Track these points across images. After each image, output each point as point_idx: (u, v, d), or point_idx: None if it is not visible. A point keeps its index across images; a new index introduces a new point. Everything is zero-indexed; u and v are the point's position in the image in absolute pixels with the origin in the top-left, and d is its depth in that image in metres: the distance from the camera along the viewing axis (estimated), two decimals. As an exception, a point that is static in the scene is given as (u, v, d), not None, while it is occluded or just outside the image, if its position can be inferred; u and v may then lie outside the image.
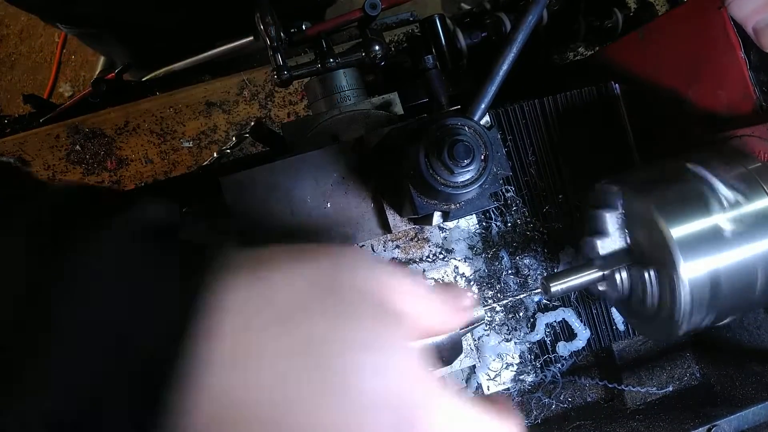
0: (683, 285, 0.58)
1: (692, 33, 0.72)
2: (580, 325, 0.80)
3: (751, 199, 0.60)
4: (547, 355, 0.81)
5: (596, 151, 0.81)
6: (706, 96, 0.73)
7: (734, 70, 0.68)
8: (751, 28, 0.62)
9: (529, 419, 0.84)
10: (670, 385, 0.86)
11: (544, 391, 0.85)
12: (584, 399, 0.87)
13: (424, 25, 0.89)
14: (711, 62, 0.71)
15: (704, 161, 0.64)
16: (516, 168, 0.79)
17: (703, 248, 0.58)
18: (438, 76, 0.73)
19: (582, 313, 0.81)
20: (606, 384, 0.86)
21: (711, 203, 0.60)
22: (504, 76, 0.63)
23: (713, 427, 0.67)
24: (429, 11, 0.92)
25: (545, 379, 0.83)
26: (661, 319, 0.63)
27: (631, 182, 0.65)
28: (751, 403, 0.69)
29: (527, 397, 0.85)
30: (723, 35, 0.68)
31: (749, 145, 0.65)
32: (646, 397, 0.85)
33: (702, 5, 0.70)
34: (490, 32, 0.90)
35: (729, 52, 0.68)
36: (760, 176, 0.62)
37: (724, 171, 0.62)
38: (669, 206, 0.60)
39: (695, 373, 0.87)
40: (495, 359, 0.79)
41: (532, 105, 0.79)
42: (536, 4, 0.63)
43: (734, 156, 0.64)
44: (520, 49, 0.62)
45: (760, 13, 0.60)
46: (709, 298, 0.59)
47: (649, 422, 0.78)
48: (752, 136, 0.65)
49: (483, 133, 0.57)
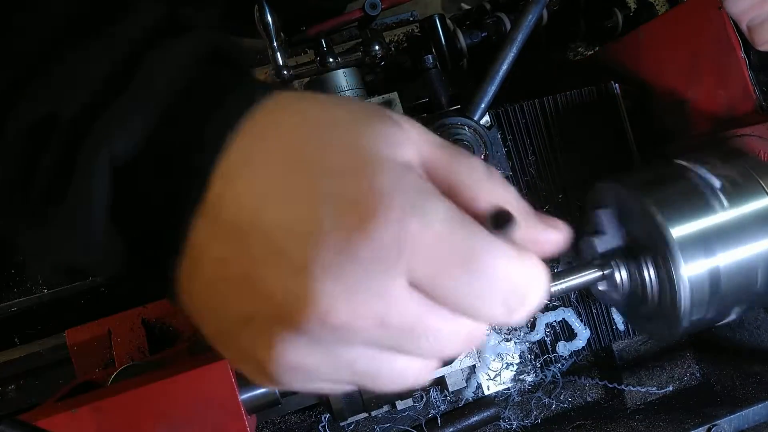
0: (683, 284, 0.58)
1: (692, 33, 0.73)
2: (580, 324, 0.80)
3: (751, 198, 0.60)
4: (547, 354, 0.81)
5: (596, 151, 0.81)
6: (706, 96, 0.73)
7: (734, 70, 0.68)
8: (745, 26, 0.62)
9: (529, 419, 0.84)
10: (670, 385, 0.86)
11: (544, 391, 0.85)
12: (584, 399, 0.87)
13: (424, 25, 0.89)
14: (711, 62, 0.71)
15: (704, 161, 0.64)
16: (516, 168, 0.79)
17: (703, 247, 0.58)
18: (438, 76, 0.73)
19: (582, 313, 0.81)
20: (606, 384, 0.86)
21: (711, 202, 0.60)
22: (504, 75, 0.63)
23: (713, 427, 0.67)
24: (429, 11, 0.92)
25: (545, 379, 0.83)
26: (661, 318, 0.63)
27: (631, 182, 0.65)
28: (751, 403, 0.69)
29: (527, 397, 0.85)
30: (723, 35, 0.68)
31: (749, 145, 0.65)
32: (646, 397, 0.85)
33: (702, 5, 0.70)
34: (490, 32, 0.90)
35: (729, 52, 0.68)
36: (760, 176, 0.62)
37: (724, 170, 0.62)
38: (669, 206, 0.60)
39: (695, 373, 0.87)
40: (495, 359, 0.79)
41: (532, 105, 0.79)
42: (536, 4, 0.63)
43: (734, 155, 0.64)
44: (519, 48, 0.63)
45: (755, 10, 0.60)
46: (709, 297, 0.59)
47: (649, 422, 0.78)
48: (752, 135, 0.65)
49: (483, 133, 0.57)
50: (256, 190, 0.34)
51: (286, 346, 0.34)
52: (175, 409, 0.54)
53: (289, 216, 0.33)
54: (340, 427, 0.81)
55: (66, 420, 0.53)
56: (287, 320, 0.33)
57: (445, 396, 0.81)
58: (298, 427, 0.82)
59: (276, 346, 0.34)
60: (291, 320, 0.33)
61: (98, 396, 0.55)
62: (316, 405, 0.80)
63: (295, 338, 0.33)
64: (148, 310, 0.78)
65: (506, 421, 0.84)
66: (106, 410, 0.54)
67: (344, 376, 0.36)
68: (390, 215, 0.32)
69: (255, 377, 0.37)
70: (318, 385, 0.37)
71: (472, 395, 0.81)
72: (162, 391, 0.55)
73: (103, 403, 0.54)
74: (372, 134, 0.36)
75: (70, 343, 0.75)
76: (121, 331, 0.76)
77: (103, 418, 0.53)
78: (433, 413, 0.81)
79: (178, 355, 0.74)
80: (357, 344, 0.34)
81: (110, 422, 0.53)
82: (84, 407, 0.53)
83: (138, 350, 0.76)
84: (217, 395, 0.55)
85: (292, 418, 0.82)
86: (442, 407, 0.81)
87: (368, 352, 0.35)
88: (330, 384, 0.38)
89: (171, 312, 0.78)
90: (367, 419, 0.81)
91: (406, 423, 0.81)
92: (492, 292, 0.34)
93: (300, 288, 0.32)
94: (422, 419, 0.81)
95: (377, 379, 0.37)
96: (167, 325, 0.78)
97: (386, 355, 0.36)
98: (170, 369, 0.58)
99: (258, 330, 0.34)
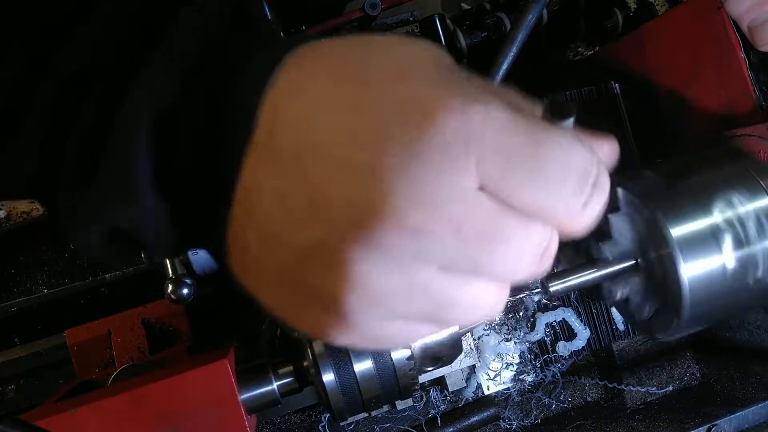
0: (684, 284, 0.58)
1: (692, 33, 0.73)
2: (580, 324, 0.80)
3: (751, 199, 0.60)
4: (547, 354, 0.81)
5: (596, 151, 0.81)
6: (707, 96, 0.73)
7: (734, 70, 0.68)
8: (746, 26, 0.62)
9: (529, 419, 0.84)
10: (670, 385, 0.86)
11: (544, 391, 0.85)
12: (584, 399, 0.87)
13: (424, 25, 0.89)
14: (711, 62, 0.71)
15: (704, 161, 0.64)
16: (516, 168, 0.79)
17: (704, 248, 0.58)
18: (438, 76, 0.73)
19: (582, 313, 0.81)
20: (606, 384, 0.86)
21: (711, 203, 0.60)
22: (504, 75, 0.63)
23: (713, 427, 0.67)
24: (429, 11, 0.92)
25: (545, 378, 0.83)
26: (661, 319, 0.63)
27: (631, 182, 0.65)
28: (751, 403, 0.69)
29: (527, 397, 0.85)
30: (723, 35, 0.68)
31: (749, 145, 0.65)
32: (646, 397, 0.85)
33: (702, 5, 0.70)
34: (490, 32, 0.90)
35: (729, 52, 0.68)
36: (760, 176, 0.62)
37: (723, 171, 0.62)
38: (669, 206, 0.60)
39: (695, 373, 0.87)
40: (495, 359, 0.79)
41: (532, 105, 0.79)
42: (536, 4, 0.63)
43: (734, 155, 0.64)
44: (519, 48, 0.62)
45: (756, 10, 0.60)
46: (709, 298, 0.59)
47: (649, 422, 0.78)
48: (752, 135, 0.65)
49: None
50: (307, 112, 0.33)
51: (359, 265, 0.31)
52: (175, 409, 0.54)
53: (349, 126, 0.32)
54: (340, 427, 0.81)
55: (66, 420, 0.53)
56: (359, 233, 0.31)
57: (445, 396, 0.82)
58: (298, 427, 0.82)
59: (348, 267, 0.31)
60: (363, 231, 0.31)
61: (98, 396, 0.55)
62: (316, 405, 0.80)
63: (369, 254, 0.31)
64: (148, 310, 0.77)
65: (506, 421, 0.84)
66: (106, 410, 0.54)
67: (420, 305, 0.34)
68: (452, 107, 0.31)
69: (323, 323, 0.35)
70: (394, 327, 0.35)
71: (472, 395, 0.81)
72: (162, 391, 0.55)
73: (103, 403, 0.54)
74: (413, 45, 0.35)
75: (70, 343, 0.75)
76: (121, 331, 0.76)
77: (103, 418, 0.53)
78: (433, 413, 0.81)
79: (178, 355, 0.74)
80: (433, 260, 0.32)
81: (110, 422, 0.53)
82: (84, 407, 0.53)
83: (138, 350, 0.76)
84: (217, 395, 0.55)
85: (292, 418, 0.82)
86: (442, 407, 0.81)
87: (444, 273, 0.33)
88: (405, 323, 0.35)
89: (171, 312, 0.78)
90: (367, 419, 0.81)
91: (406, 423, 0.81)
92: (565, 177, 0.33)
93: (370, 193, 0.30)
94: (422, 419, 0.81)
95: (454, 307, 0.34)
96: (167, 325, 0.78)
97: (462, 278, 0.34)
98: (170, 369, 0.58)
99: (326, 256, 0.32)
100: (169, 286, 0.67)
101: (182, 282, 0.67)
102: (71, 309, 0.88)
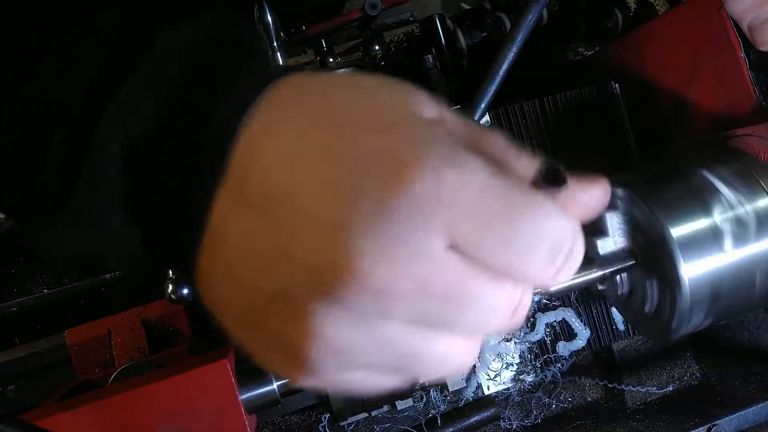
0: (683, 285, 0.58)
1: (692, 33, 0.72)
2: (580, 324, 0.80)
3: (751, 198, 0.60)
4: (547, 354, 0.81)
5: (596, 151, 0.81)
6: (706, 96, 0.73)
7: (734, 70, 0.68)
8: (746, 26, 0.62)
9: (529, 419, 0.84)
10: (670, 385, 0.86)
11: (544, 391, 0.85)
12: (584, 399, 0.87)
13: (424, 25, 0.89)
14: (711, 62, 0.71)
15: (704, 161, 0.64)
16: (516, 168, 0.79)
17: (703, 248, 0.58)
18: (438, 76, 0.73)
19: (582, 313, 0.81)
20: (606, 384, 0.86)
21: (711, 203, 0.60)
22: (504, 75, 0.63)
23: (713, 427, 0.67)
24: (429, 11, 0.92)
25: (545, 379, 0.83)
26: (661, 318, 0.63)
27: (631, 182, 0.65)
28: (751, 403, 0.69)
29: (527, 397, 0.85)
30: (723, 35, 0.68)
31: (749, 145, 0.65)
32: (646, 397, 0.85)
33: (702, 5, 0.69)
34: (490, 32, 0.90)
35: (729, 52, 0.68)
36: (760, 176, 0.62)
37: (723, 170, 0.62)
38: (669, 206, 0.60)
39: (695, 373, 0.87)
40: (495, 359, 0.79)
41: (532, 105, 0.79)
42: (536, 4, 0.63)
43: (734, 155, 0.64)
44: (519, 48, 0.63)
45: (756, 10, 0.60)
46: (709, 298, 0.59)
47: (649, 422, 0.78)
48: (752, 135, 0.65)
49: (483, 133, 0.57)
50: (282, 155, 0.32)
51: (321, 319, 0.31)
52: (175, 409, 0.54)
53: (322, 176, 0.31)
54: (340, 427, 0.81)
55: (66, 420, 0.53)
56: (322, 288, 0.31)
57: (445, 396, 0.82)
58: (298, 427, 0.82)
59: (310, 319, 0.31)
60: (327, 287, 0.31)
61: (98, 396, 0.55)
62: (317, 405, 0.80)
63: (332, 309, 0.31)
64: (148, 310, 0.78)
65: (506, 421, 0.84)
66: (106, 410, 0.54)
67: (385, 358, 0.34)
68: (425, 167, 0.30)
69: (285, 368, 0.35)
70: (357, 376, 0.35)
71: (472, 395, 0.81)
72: (162, 391, 0.55)
73: (103, 403, 0.54)
74: (397, 93, 0.35)
75: (70, 343, 0.75)
76: (121, 331, 0.76)
77: (103, 418, 0.53)
78: (433, 413, 0.81)
79: (178, 355, 0.74)
80: (397, 317, 0.32)
81: (110, 422, 0.53)
82: (84, 407, 0.53)
83: (138, 350, 0.76)
84: (217, 395, 0.55)
85: (292, 418, 0.82)
86: (442, 407, 0.81)
87: (410, 328, 0.33)
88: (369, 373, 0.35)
89: (171, 312, 0.78)
90: (367, 419, 0.81)
91: (406, 423, 0.81)
92: (537, 245, 0.32)
93: (335, 250, 0.30)
94: (422, 419, 0.81)
95: (420, 361, 0.34)
96: (167, 325, 0.78)
97: (428, 333, 0.33)
98: (170, 369, 0.58)
99: (290, 306, 0.32)
100: (169, 286, 0.67)
101: (182, 282, 0.67)
102: (71, 309, 0.89)
